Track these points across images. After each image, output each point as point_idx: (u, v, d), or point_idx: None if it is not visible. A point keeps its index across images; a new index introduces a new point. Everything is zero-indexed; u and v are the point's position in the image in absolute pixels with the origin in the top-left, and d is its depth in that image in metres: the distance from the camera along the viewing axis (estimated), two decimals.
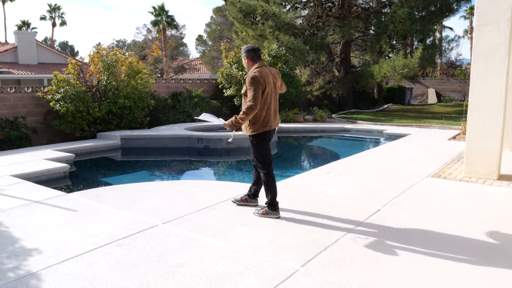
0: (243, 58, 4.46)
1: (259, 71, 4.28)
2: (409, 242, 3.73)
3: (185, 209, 4.68)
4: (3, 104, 10.10)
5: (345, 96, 20.29)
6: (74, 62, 11.11)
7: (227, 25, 36.95)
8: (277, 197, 4.44)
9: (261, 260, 3.37)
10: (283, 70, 15.78)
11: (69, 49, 66.74)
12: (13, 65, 27.35)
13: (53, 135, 10.87)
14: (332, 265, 3.28)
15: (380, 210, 4.62)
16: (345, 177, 6.27)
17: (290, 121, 14.45)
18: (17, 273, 3.20)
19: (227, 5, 18.58)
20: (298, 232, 3.98)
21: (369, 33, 19.60)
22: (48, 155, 8.04)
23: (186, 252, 3.54)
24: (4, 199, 5.20)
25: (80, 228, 4.14)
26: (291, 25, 17.74)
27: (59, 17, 50.25)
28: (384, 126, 13.22)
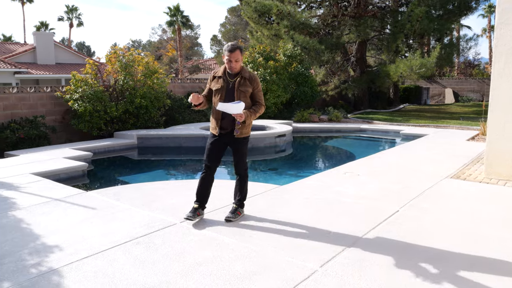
0: (241, 57, 4.13)
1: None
2: (430, 244, 3.68)
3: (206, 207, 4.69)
4: (23, 104, 10.29)
5: (360, 96, 20.14)
6: (92, 62, 11.25)
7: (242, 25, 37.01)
8: (291, 197, 4.49)
9: (280, 260, 3.36)
10: (298, 70, 15.74)
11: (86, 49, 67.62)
12: (32, 65, 27.84)
13: (71, 134, 11.02)
14: (351, 266, 3.25)
15: (398, 211, 4.57)
16: (362, 177, 6.22)
17: (305, 121, 14.40)
18: (39, 269, 3.25)
19: (242, 5, 18.62)
20: (316, 232, 3.96)
21: (385, 32, 19.44)
22: (66, 154, 8.16)
23: (205, 251, 3.55)
24: (25, 197, 5.30)
25: (100, 226, 4.19)
26: (306, 25, 17.69)
27: (76, 18, 50.95)
28: (400, 127, 13.09)
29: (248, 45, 19.53)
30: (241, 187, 4.40)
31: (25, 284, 3.02)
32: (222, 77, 4.18)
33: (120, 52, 11.52)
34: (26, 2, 45.84)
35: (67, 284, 3.01)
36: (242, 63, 4.22)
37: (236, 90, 4.10)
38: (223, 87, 4.15)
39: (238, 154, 4.31)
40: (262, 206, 4.81)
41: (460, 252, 3.50)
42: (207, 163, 4.29)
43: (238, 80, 4.12)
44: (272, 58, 15.40)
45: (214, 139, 4.27)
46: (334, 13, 18.66)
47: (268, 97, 14.68)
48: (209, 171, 4.29)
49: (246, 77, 4.16)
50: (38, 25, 47.03)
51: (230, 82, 4.15)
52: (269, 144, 10.45)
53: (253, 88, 4.18)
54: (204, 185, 4.32)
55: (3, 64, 24.72)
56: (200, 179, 4.32)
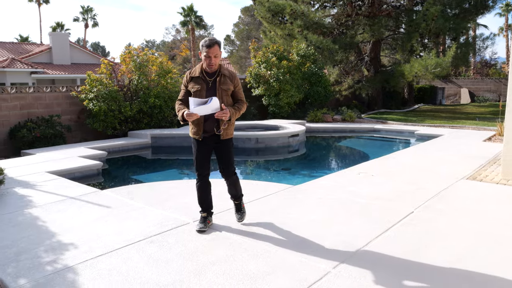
0: (220, 53, 3.82)
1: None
2: (445, 246, 3.62)
3: (216, 208, 4.70)
4: (39, 103, 10.44)
5: (374, 96, 19.98)
6: (107, 62, 11.37)
7: (255, 25, 37.01)
8: (304, 197, 4.42)
9: (293, 260, 3.35)
10: (312, 70, 15.68)
11: (101, 49, 68.39)
12: (48, 65, 28.25)
13: (86, 133, 11.15)
14: (364, 267, 3.22)
15: (413, 213, 4.51)
16: (376, 178, 6.16)
17: (318, 121, 14.34)
18: (55, 266, 3.29)
19: (256, 4, 18.62)
20: (329, 233, 3.94)
21: (399, 32, 19.25)
22: (81, 153, 8.25)
23: (218, 250, 3.55)
24: (41, 195, 5.37)
25: (114, 224, 4.22)
26: (320, 24, 17.61)
27: (92, 18, 51.54)
28: (415, 127, 12.95)
29: (262, 45, 19.51)
30: (235, 187, 4.18)
31: (41, 281, 3.06)
32: (200, 77, 3.85)
33: (135, 52, 11.62)
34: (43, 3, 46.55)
35: (82, 281, 3.04)
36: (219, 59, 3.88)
37: (218, 89, 3.81)
38: (202, 87, 3.82)
39: (225, 158, 4.03)
40: (275, 206, 4.79)
41: (477, 254, 3.44)
42: (200, 170, 4.02)
43: (218, 78, 3.82)
44: (285, 58, 15.36)
45: (199, 146, 3.96)
46: (348, 12, 18.54)
47: (281, 97, 14.65)
48: (203, 179, 4.05)
49: (226, 74, 3.87)
50: (54, 26, 47.72)
51: (209, 82, 3.83)
52: (282, 144, 10.43)
53: (234, 85, 3.93)
54: (204, 193, 4.09)
55: (20, 64, 25.13)
56: (198, 188, 4.07)
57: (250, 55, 18.10)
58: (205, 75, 3.85)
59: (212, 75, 3.85)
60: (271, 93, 14.78)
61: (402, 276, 3.08)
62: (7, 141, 9.73)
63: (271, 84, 14.62)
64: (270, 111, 15.07)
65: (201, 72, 3.86)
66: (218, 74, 3.85)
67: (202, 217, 4.09)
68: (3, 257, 3.47)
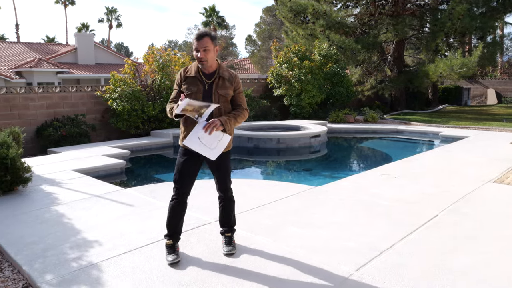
0: (213, 47, 3.23)
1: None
2: (472, 250, 3.54)
3: (237, 208, 4.70)
4: (65, 103, 10.67)
5: (397, 96, 19.68)
6: (130, 62, 11.54)
7: (277, 25, 36.97)
8: (325, 198, 4.35)
9: (314, 262, 3.32)
10: (334, 70, 15.56)
11: (124, 49, 69.49)
12: (73, 65, 28.88)
13: (110, 132, 11.34)
14: (388, 271, 3.17)
15: (438, 216, 4.42)
16: (399, 180, 6.07)
17: (340, 121, 14.22)
18: (80, 263, 3.36)
19: (277, 4, 18.60)
20: (351, 235, 3.89)
21: (424, 31, 18.91)
22: (105, 152, 8.40)
23: (239, 250, 3.56)
24: (67, 192, 5.49)
25: (137, 223, 4.28)
26: (342, 24, 17.46)
27: (116, 19, 52.44)
28: (439, 128, 12.70)
29: (283, 45, 19.47)
30: (231, 210, 3.61)
31: (66, 277, 3.12)
32: (197, 77, 3.29)
33: (157, 52, 11.76)
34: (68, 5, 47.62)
35: (106, 278, 3.09)
36: (215, 57, 3.30)
37: (214, 94, 3.26)
38: (199, 90, 3.26)
39: (221, 171, 3.44)
40: (296, 206, 4.77)
41: (505, 259, 3.34)
42: (179, 185, 3.34)
43: (216, 81, 3.27)
44: (307, 58, 15.29)
45: (187, 156, 3.32)
46: (371, 12, 18.32)
47: (303, 97, 14.59)
48: (181, 198, 3.37)
49: (225, 76, 3.30)
50: (79, 27, 48.75)
51: (206, 84, 3.28)
52: (304, 144, 10.38)
53: (234, 89, 3.35)
54: (177, 217, 3.42)
55: (46, 65, 25.76)
56: (170, 209, 3.40)
57: (271, 55, 18.10)
58: (202, 76, 3.29)
59: (209, 76, 3.30)
60: (292, 93, 14.73)
61: (428, 280, 3.02)
62: (34, 140, 9.98)
63: (293, 84, 14.57)
64: (291, 112, 15.02)
65: (197, 72, 3.30)
66: (216, 76, 3.31)
67: (169, 247, 3.39)
68: (31, 253, 3.56)
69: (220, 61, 3.38)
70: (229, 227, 3.62)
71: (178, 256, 3.36)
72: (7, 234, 4.01)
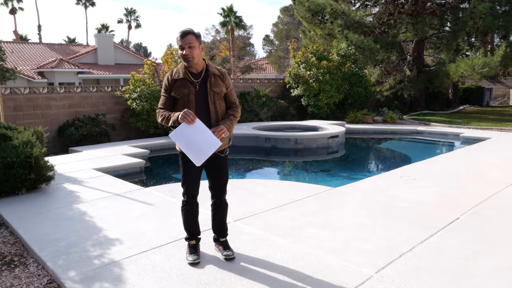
0: (198, 44, 3.16)
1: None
2: (494, 253, 3.47)
3: (256, 208, 4.74)
4: (86, 102, 10.87)
5: (417, 96, 19.41)
6: (150, 62, 11.67)
7: (294, 25, 36.85)
8: (344, 199, 4.32)
9: (333, 263, 3.32)
10: (352, 70, 15.45)
11: (143, 50, 70.27)
12: (93, 65, 29.34)
13: (129, 131, 11.50)
14: (408, 273, 3.14)
15: (459, 219, 4.36)
16: (419, 181, 5.99)
17: (358, 122, 14.11)
18: (102, 260, 3.42)
19: (295, 4, 18.54)
20: (371, 236, 3.87)
21: (444, 30, 18.61)
22: (125, 151, 8.52)
23: (258, 250, 3.57)
24: (88, 191, 5.59)
25: (157, 221, 4.33)
26: (360, 24, 17.32)
27: (135, 20, 53.00)
28: (460, 129, 12.49)
29: (301, 45, 19.41)
30: (223, 214, 3.50)
31: (89, 274, 3.19)
32: (186, 78, 3.19)
33: (176, 53, 11.86)
34: (89, 6, 48.33)
35: (127, 276, 3.14)
36: (201, 55, 3.22)
37: (209, 93, 3.19)
38: (190, 91, 3.17)
39: (220, 174, 3.37)
40: (314, 207, 4.76)
41: None
42: (188, 189, 3.35)
43: (208, 79, 3.21)
44: (325, 58, 15.22)
45: (189, 161, 3.20)
46: (390, 11, 18.11)
47: (321, 97, 14.53)
48: (191, 199, 3.39)
49: (216, 73, 3.25)
50: (99, 28, 49.43)
51: (196, 84, 3.20)
52: (322, 145, 10.34)
53: (226, 86, 3.31)
54: (193, 216, 3.44)
55: (67, 65, 26.24)
56: (186, 212, 3.41)
57: (289, 55, 18.08)
58: (191, 76, 3.21)
59: (198, 75, 3.22)
60: (310, 93, 14.68)
61: (450, 285, 2.98)
62: (56, 139, 10.19)
63: (311, 84, 14.52)
64: (309, 112, 14.97)
65: (185, 73, 3.21)
66: (206, 73, 3.23)
67: (191, 246, 3.44)
68: (55, 249, 3.64)
69: (206, 60, 3.31)
70: (225, 232, 3.53)
71: (199, 257, 3.39)
72: (32, 231, 4.11)
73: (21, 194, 5.44)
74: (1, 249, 3.90)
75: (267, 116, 14.19)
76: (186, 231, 3.47)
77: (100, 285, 3.01)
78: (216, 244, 3.56)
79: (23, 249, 3.89)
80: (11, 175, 5.23)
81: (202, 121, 3.08)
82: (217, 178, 3.37)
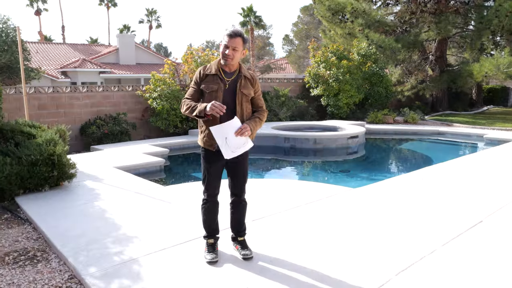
0: (242, 49, 3.18)
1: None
2: None
3: (274, 208, 4.72)
4: (107, 102, 11.04)
5: (439, 96, 19.07)
6: (170, 62, 11.79)
7: (314, 24, 36.66)
8: (363, 200, 4.27)
9: (353, 264, 3.28)
10: (373, 69, 15.28)
11: (163, 50, 70.98)
12: (115, 65, 29.79)
13: (149, 130, 11.63)
14: (428, 276, 3.08)
15: (482, 222, 4.25)
16: (440, 183, 5.88)
17: (378, 122, 13.95)
18: (121, 257, 3.46)
19: (315, 3, 18.44)
20: (390, 238, 3.81)
21: (468, 29, 18.22)
22: (145, 150, 8.62)
23: (276, 251, 3.56)
24: (109, 188, 5.68)
25: (175, 220, 4.36)
26: (382, 23, 17.10)
27: (155, 20, 53.61)
28: (484, 130, 12.20)
29: (321, 44, 19.29)
30: (244, 213, 3.50)
31: (109, 270, 3.23)
32: (217, 75, 3.21)
33: (196, 52, 11.94)
34: (111, 7, 49.13)
35: (146, 273, 3.17)
36: (240, 59, 3.24)
37: (237, 93, 3.20)
38: (219, 88, 3.18)
39: (240, 172, 3.36)
40: (333, 208, 4.72)
41: None
42: (210, 188, 3.36)
43: (239, 80, 3.22)
44: (345, 58, 15.09)
45: (212, 160, 3.27)
46: (412, 9, 17.82)
47: (341, 97, 14.41)
48: (212, 199, 3.40)
49: (247, 76, 3.27)
50: (121, 28, 50.18)
51: (226, 82, 3.22)
52: (341, 145, 10.25)
53: (255, 91, 3.33)
54: (213, 215, 3.45)
55: (90, 65, 26.72)
56: (205, 211, 3.41)
57: (309, 54, 17.97)
58: (222, 74, 3.23)
59: (230, 75, 3.24)
60: (330, 93, 14.58)
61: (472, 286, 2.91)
62: (78, 137, 10.38)
63: (330, 84, 14.42)
64: (328, 112, 14.87)
65: (217, 70, 3.23)
66: (238, 74, 3.26)
67: (210, 245, 3.44)
68: (76, 246, 3.70)
69: (241, 63, 3.32)
70: (243, 231, 3.51)
71: (217, 256, 3.38)
72: (54, 227, 4.19)
73: (44, 191, 5.56)
74: (25, 244, 3.99)
75: (286, 116, 14.16)
76: (205, 229, 3.48)
77: (119, 281, 3.05)
78: (234, 243, 3.54)
79: (46, 244, 3.97)
80: (35, 172, 5.34)
81: (227, 120, 3.09)
82: (237, 177, 3.37)
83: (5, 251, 3.81)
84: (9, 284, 3.18)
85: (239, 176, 3.37)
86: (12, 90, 9.62)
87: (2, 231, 4.35)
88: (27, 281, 3.22)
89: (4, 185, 5.15)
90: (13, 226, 4.50)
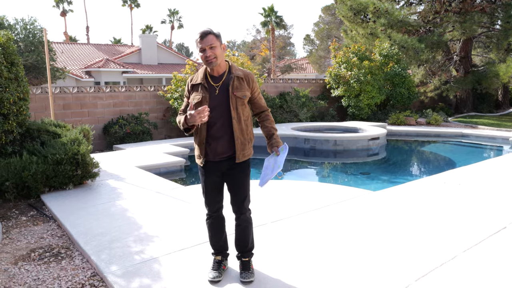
0: (219, 44, 2.86)
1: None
2: None
3: (293, 210, 4.72)
4: (130, 101, 11.22)
5: (463, 98, 18.67)
6: (191, 62, 11.91)
7: (336, 24, 36.39)
8: (383, 204, 4.21)
9: (372, 269, 3.25)
10: (395, 70, 15.08)
11: (185, 50, 71.61)
12: (137, 65, 30.22)
13: (171, 130, 11.77)
14: (448, 283, 3.03)
15: (506, 228, 4.16)
16: (463, 187, 5.77)
17: (400, 123, 13.76)
18: (142, 256, 3.52)
19: (337, 3, 18.29)
20: (411, 243, 3.76)
21: (495, 29, 17.78)
22: (166, 149, 8.73)
23: (290, 252, 3.56)
24: (131, 188, 5.78)
25: (195, 220, 4.41)
26: (404, 23, 16.86)
27: (177, 20, 54.15)
28: (510, 133, 11.90)
29: (342, 45, 19.16)
30: (247, 231, 3.15)
31: (130, 269, 3.29)
32: (202, 84, 2.93)
33: None
34: (134, 7, 49.85)
35: (167, 272, 3.22)
36: (223, 56, 2.94)
37: (231, 98, 2.89)
38: (204, 98, 2.89)
39: (235, 185, 3.05)
40: (353, 211, 4.69)
41: None
42: (211, 207, 3.15)
43: (231, 82, 2.90)
44: (367, 58, 14.94)
45: (207, 173, 3.03)
46: (436, 9, 17.50)
47: (362, 98, 14.28)
48: (216, 214, 3.18)
49: (240, 76, 2.95)
50: (144, 29, 50.88)
51: (215, 88, 2.92)
52: (362, 147, 10.16)
53: (252, 90, 3.02)
54: (218, 231, 3.21)
55: (113, 65, 27.18)
56: (209, 226, 3.20)
57: (330, 55, 17.87)
58: (210, 80, 2.95)
59: (219, 79, 2.94)
60: (351, 94, 14.47)
61: None
62: (101, 136, 10.59)
63: (351, 85, 14.30)
64: (349, 113, 14.76)
65: (204, 78, 2.96)
66: (228, 76, 2.95)
67: (216, 262, 3.20)
68: (99, 244, 3.79)
69: (230, 62, 3.03)
70: (247, 251, 3.18)
71: (221, 275, 3.12)
72: (78, 225, 4.30)
73: (68, 189, 5.70)
74: (50, 241, 4.10)
75: (307, 117, 14.11)
76: (212, 245, 3.26)
77: (140, 280, 3.11)
78: (239, 263, 3.22)
79: (70, 242, 4.07)
80: (60, 171, 5.48)
81: (224, 128, 2.91)
82: (232, 191, 3.07)
83: (31, 247, 3.93)
84: (34, 279, 3.28)
85: (234, 190, 3.06)
86: (38, 90, 9.89)
87: (28, 228, 4.48)
88: (51, 277, 3.31)
89: (31, 183, 5.30)
90: (38, 223, 4.64)
